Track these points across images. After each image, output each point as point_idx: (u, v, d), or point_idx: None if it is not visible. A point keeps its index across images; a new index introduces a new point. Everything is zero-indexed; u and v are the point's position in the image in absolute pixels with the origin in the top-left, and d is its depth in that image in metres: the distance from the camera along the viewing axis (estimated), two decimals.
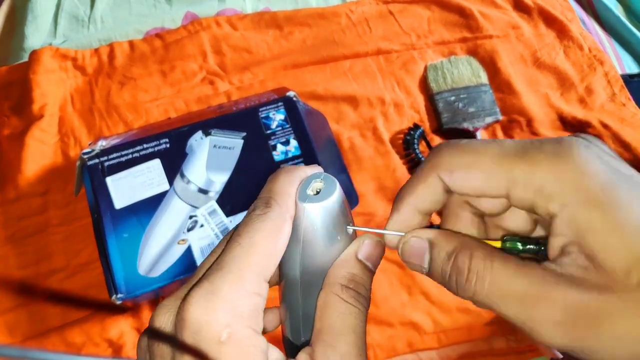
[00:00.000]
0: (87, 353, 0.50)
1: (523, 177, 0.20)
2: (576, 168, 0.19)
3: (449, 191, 0.23)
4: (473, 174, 0.21)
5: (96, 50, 0.67)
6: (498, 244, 0.23)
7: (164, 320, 0.21)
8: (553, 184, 0.19)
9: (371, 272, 0.25)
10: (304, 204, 0.23)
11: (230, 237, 0.22)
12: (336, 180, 0.24)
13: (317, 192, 0.23)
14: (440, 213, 0.26)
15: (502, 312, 0.20)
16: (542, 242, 0.22)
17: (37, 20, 0.70)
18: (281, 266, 0.25)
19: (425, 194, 0.23)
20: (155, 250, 0.46)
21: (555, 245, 0.20)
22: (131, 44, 0.68)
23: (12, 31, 0.72)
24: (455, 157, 0.22)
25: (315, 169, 0.25)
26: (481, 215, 0.25)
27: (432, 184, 0.23)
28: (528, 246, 0.22)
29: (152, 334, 0.21)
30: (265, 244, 0.21)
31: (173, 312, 0.21)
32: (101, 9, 0.73)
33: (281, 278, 0.25)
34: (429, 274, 0.23)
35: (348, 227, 0.24)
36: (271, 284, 0.26)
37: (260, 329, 0.21)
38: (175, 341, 0.20)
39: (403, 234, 0.24)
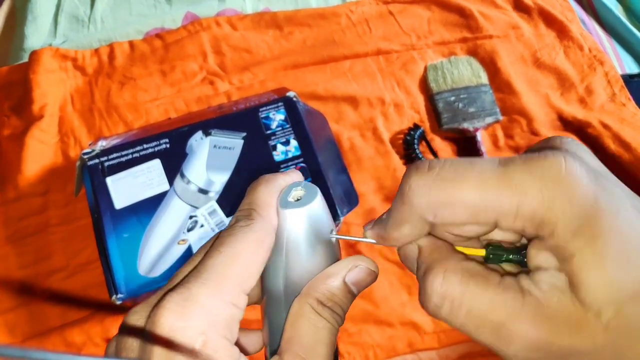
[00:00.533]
0: (87, 353, 0.50)
1: (512, 207, 0.19)
2: (565, 192, 0.18)
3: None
4: (457, 211, 0.19)
5: (96, 51, 0.67)
6: (482, 253, 0.22)
7: (135, 325, 0.20)
8: (543, 212, 0.18)
9: (353, 296, 0.24)
10: (285, 211, 0.22)
11: (211, 246, 0.22)
12: (317, 187, 0.24)
13: (298, 200, 0.23)
14: None
15: (474, 338, 0.20)
16: (525, 253, 0.22)
17: (37, 21, 0.70)
18: (264, 281, 0.24)
19: (411, 232, 0.22)
20: (156, 250, 0.46)
21: (538, 261, 0.20)
22: (131, 44, 0.68)
23: (12, 31, 0.72)
24: (434, 193, 0.20)
25: (295, 175, 0.25)
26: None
27: (415, 223, 0.21)
28: (512, 256, 0.22)
29: (122, 330, 0.21)
30: (247, 255, 0.21)
31: (144, 318, 0.20)
32: (101, 9, 0.73)
33: (263, 294, 0.25)
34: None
35: (331, 235, 0.24)
36: (251, 301, 0.25)
37: (234, 339, 0.20)
38: (145, 334, 0.19)
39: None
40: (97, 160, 0.48)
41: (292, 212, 0.22)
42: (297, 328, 0.22)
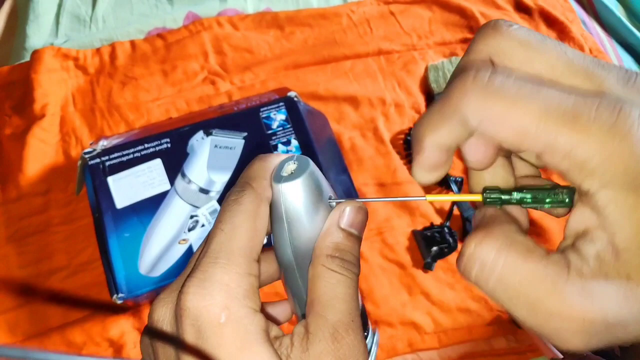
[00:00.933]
0: (88, 353, 0.50)
1: (567, 147, 0.17)
2: (632, 152, 0.17)
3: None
4: (506, 129, 0.18)
5: (98, 50, 0.68)
6: (479, 198, 0.22)
7: (162, 313, 0.22)
8: (600, 163, 0.17)
9: (356, 238, 0.24)
10: (279, 185, 0.23)
11: (213, 225, 0.23)
12: (309, 159, 0.24)
13: (292, 174, 0.24)
14: None
15: (506, 308, 0.19)
16: (532, 189, 0.21)
17: (39, 20, 0.71)
18: (277, 255, 0.25)
19: (450, 134, 0.20)
20: (156, 249, 0.46)
21: (579, 223, 0.19)
22: (133, 43, 0.68)
23: (14, 31, 0.72)
24: (487, 102, 0.18)
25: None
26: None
27: (456, 124, 0.20)
28: (512, 196, 0.21)
29: (154, 334, 0.22)
30: (246, 225, 0.22)
31: (171, 305, 0.22)
32: (103, 9, 0.73)
33: (280, 268, 0.26)
34: None
35: (330, 200, 0.25)
36: (273, 278, 0.27)
37: (258, 306, 0.21)
38: (178, 341, 0.20)
39: (390, 199, 0.25)
40: (98, 160, 0.48)
41: (285, 186, 0.23)
42: (315, 290, 0.23)
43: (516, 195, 0.21)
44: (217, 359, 0.19)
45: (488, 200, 0.22)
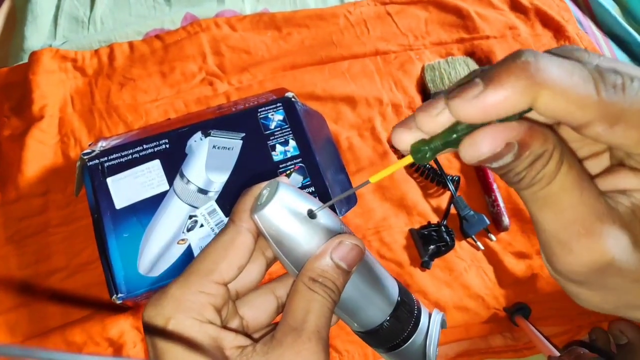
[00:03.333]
0: (87, 352, 0.50)
1: (619, 115, 0.17)
2: None
3: None
4: (560, 98, 0.17)
5: (96, 52, 0.68)
6: (410, 159, 0.21)
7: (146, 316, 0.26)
8: None
9: (344, 272, 0.25)
10: (254, 215, 0.25)
11: None
12: (279, 181, 0.25)
13: (264, 201, 0.25)
14: None
15: (535, 215, 0.20)
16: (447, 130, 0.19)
17: (37, 22, 0.71)
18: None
19: (512, 94, 0.17)
20: (155, 250, 0.46)
21: (620, 183, 0.20)
22: (131, 45, 0.69)
23: (12, 32, 0.72)
24: (556, 68, 0.17)
25: (282, 179, 0.27)
26: None
27: (520, 88, 0.17)
28: (436, 141, 0.19)
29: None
30: (215, 252, 0.25)
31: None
32: (101, 10, 0.73)
33: None
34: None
35: (312, 211, 0.25)
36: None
37: (212, 320, 0.24)
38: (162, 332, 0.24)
39: (370, 181, 0.24)
40: (97, 161, 0.48)
41: (258, 215, 0.25)
42: (290, 303, 0.24)
43: (440, 140, 0.19)
44: None
45: (418, 156, 0.20)
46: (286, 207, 0.25)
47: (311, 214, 0.25)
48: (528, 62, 0.17)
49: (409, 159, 0.21)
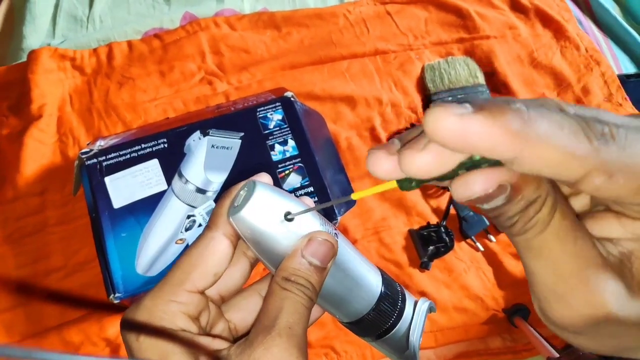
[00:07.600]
0: (85, 352, 0.50)
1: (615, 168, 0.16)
2: None
3: None
4: (545, 156, 0.16)
5: (95, 51, 0.68)
6: (394, 185, 0.21)
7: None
8: None
9: (317, 268, 0.25)
10: (230, 218, 0.25)
11: None
12: (255, 181, 0.25)
13: (241, 203, 0.25)
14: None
15: (527, 264, 0.19)
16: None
17: (36, 20, 0.71)
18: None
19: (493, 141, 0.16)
20: (153, 249, 0.46)
21: (612, 232, 0.20)
22: (130, 44, 0.68)
23: (11, 31, 0.72)
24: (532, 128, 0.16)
25: (264, 177, 0.27)
26: None
27: (503, 140, 0.16)
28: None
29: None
30: (187, 261, 0.25)
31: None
32: (100, 9, 0.73)
33: None
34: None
35: (288, 215, 0.25)
36: None
37: (185, 327, 0.24)
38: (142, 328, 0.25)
39: (350, 198, 0.23)
40: (95, 160, 0.48)
41: (234, 218, 0.24)
42: (265, 304, 0.25)
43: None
44: None
45: (403, 186, 0.20)
46: (263, 209, 0.24)
47: (287, 217, 0.25)
48: (521, 110, 0.16)
49: (393, 184, 0.21)
